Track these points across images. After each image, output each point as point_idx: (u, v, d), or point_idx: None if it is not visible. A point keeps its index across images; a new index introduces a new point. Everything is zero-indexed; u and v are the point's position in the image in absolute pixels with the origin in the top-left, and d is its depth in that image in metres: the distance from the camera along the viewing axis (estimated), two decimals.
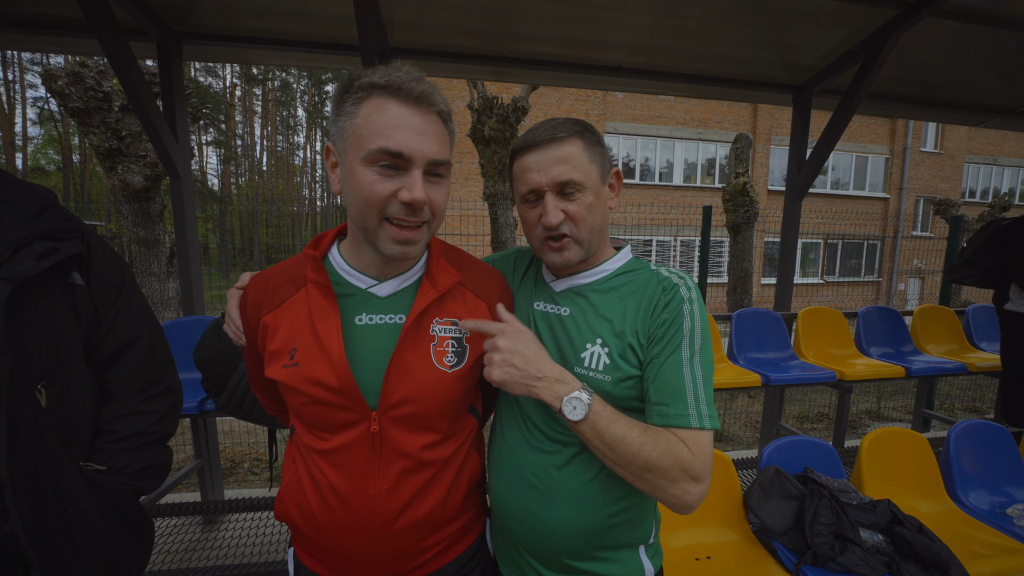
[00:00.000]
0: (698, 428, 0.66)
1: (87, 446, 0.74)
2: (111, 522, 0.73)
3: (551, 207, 0.73)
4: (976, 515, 1.56)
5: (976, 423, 1.73)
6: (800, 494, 1.45)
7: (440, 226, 0.72)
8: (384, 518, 0.67)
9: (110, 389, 0.79)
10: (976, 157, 15.03)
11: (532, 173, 0.74)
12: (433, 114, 0.65)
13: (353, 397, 0.65)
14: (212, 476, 2.25)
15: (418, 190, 0.62)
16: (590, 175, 0.74)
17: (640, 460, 0.64)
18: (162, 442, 0.84)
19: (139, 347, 0.81)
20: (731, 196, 4.92)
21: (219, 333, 1.65)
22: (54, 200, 0.74)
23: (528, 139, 0.76)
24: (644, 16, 2.07)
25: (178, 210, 2.13)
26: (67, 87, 2.95)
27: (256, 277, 0.76)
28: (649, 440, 0.65)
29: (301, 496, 0.71)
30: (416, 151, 0.62)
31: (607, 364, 0.72)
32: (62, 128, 21.13)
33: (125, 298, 0.80)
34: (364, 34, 1.74)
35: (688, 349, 0.69)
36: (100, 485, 0.72)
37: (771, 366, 2.30)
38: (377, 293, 0.71)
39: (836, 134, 2.35)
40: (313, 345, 0.66)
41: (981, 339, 2.81)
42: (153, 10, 1.92)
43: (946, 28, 2.12)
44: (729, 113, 12.51)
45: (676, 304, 0.72)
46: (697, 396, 0.68)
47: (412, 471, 0.68)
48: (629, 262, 0.82)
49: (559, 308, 0.80)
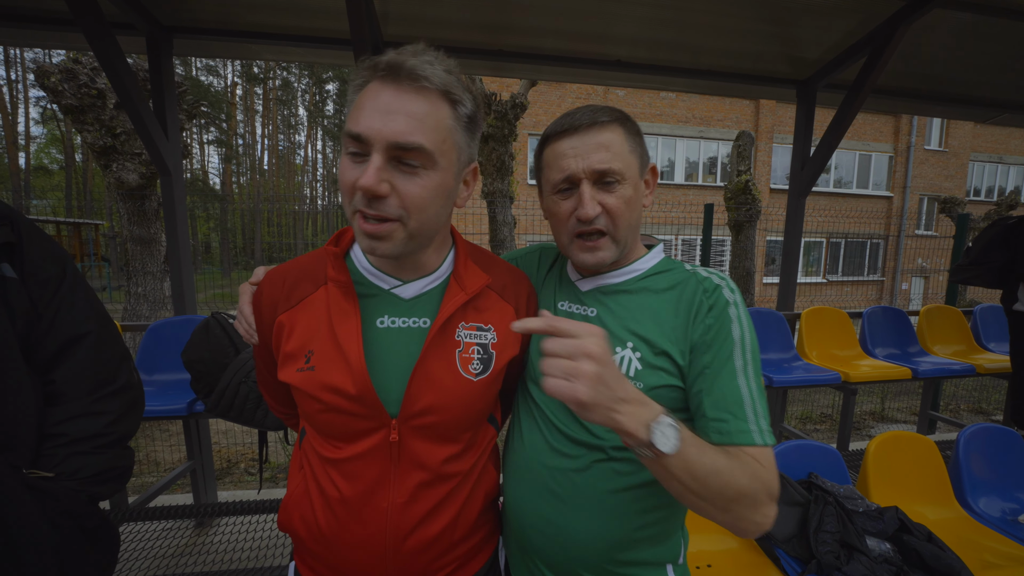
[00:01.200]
0: (762, 444, 0.60)
1: (30, 452, 0.69)
2: (63, 531, 0.68)
3: (588, 198, 0.67)
4: (987, 523, 1.51)
5: (986, 427, 1.68)
6: (804, 501, 1.41)
7: (423, 226, 0.60)
8: (396, 534, 0.63)
9: (56, 390, 0.74)
10: (981, 155, 14.91)
11: (568, 159, 0.68)
12: (416, 90, 0.55)
13: (372, 405, 0.61)
14: (205, 478, 2.22)
15: (367, 176, 0.53)
16: (630, 166, 0.68)
17: (731, 490, 0.55)
18: (119, 443, 0.79)
19: (86, 343, 0.75)
20: (733, 194, 4.86)
21: (208, 333, 1.62)
22: None
23: (565, 123, 0.69)
24: (646, 8, 2.02)
25: (169, 208, 2.10)
26: (60, 84, 2.92)
27: (272, 272, 0.71)
28: (737, 466, 0.57)
29: (307, 507, 0.67)
30: (375, 132, 0.53)
31: (639, 370, 0.66)
32: (64, 127, 21.19)
33: (68, 290, 0.74)
34: (356, 28, 1.70)
35: (741, 358, 0.63)
36: (48, 492, 0.67)
37: (774, 367, 2.25)
38: (401, 295, 0.67)
39: (841, 130, 2.29)
40: (331, 349, 0.62)
41: (989, 340, 2.75)
42: (142, 3, 1.88)
43: (955, 20, 2.06)
44: (731, 111, 12.43)
45: (721, 307, 0.65)
46: (756, 410, 0.62)
47: (430, 484, 0.65)
48: (662, 261, 0.76)
49: (585, 309, 0.74)
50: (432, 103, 0.56)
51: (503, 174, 4.43)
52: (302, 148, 32.29)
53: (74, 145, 21.50)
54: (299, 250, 18.03)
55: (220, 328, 1.61)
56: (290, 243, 17.20)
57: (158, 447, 3.37)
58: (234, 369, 1.52)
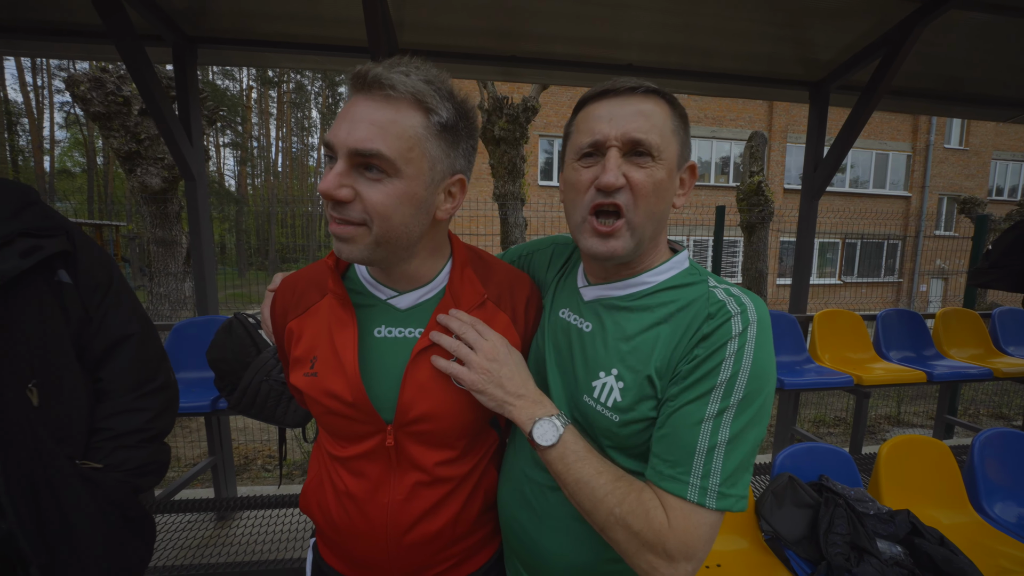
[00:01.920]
0: (695, 503, 0.53)
1: (82, 444, 0.75)
2: (110, 519, 0.73)
3: (613, 164, 0.59)
4: (1003, 528, 1.50)
5: (1002, 431, 1.66)
6: (814, 502, 1.42)
7: (388, 233, 0.59)
8: (396, 528, 0.66)
9: (103, 387, 0.79)
10: (1004, 153, 14.49)
11: (601, 122, 0.60)
12: (382, 99, 0.55)
13: (367, 412, 0.64)
14: (225, 473, 2.29)
15: (326, 180, 0.55)
16: (668, 146, 0.60)
17: (601, 513, 0.55)
18: (158, 439, 0.84)
19: (131, 344, 0.81)
20: (745, 195, 4.82)
21: (231, 333, 1.68)
22: (35, 197, 0.73)
23: (605, 86, 0.63)
24: (657, 14, 2.03)
25: (193, 212, 2.18)
26: (89, 92, 3.04)
27: (285, 280, 0.75)
28: (617, 492, 0.54)
29: (322, 496, 0.72)
30: (339, 140, 0.55)
31: (617, 401, 0.60)
32: (87, 131, 21.83)
33: (114, 295, 0.80)
34: (373, 36, 1.75)
35: (717, 402, 0.54)
36: (97, 483, 0.72)
37: (786, 370, 2.25)
38: (397, 305, 0.69)
39: (855, 132, 2.28)
40: (331, 356, 0.65)
41: (1008, 343, 2.70)
42: (169, 16, 1.96)
43: (971, 20, 2.03)
44: (744, 110, 12.29)
45: (718, 338, 0.56)
46: (709, 465, 0.53)
47: (427, 485, 0.67)
48: (680, 274, 0.66)
49: (582, 322, 0.69)
50: (398, 110, 0.56)
51: (515, 176, 4.46)
52: (315, 150, 32.79)
53: (96, 149, 22.16)
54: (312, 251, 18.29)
55: (242, 328, 1.67)
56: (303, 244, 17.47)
57: (179, 443, 3.48)
58: (255, 368, 1.58)
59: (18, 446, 0.61)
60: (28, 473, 0.62)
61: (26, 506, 0.61)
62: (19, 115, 20.79)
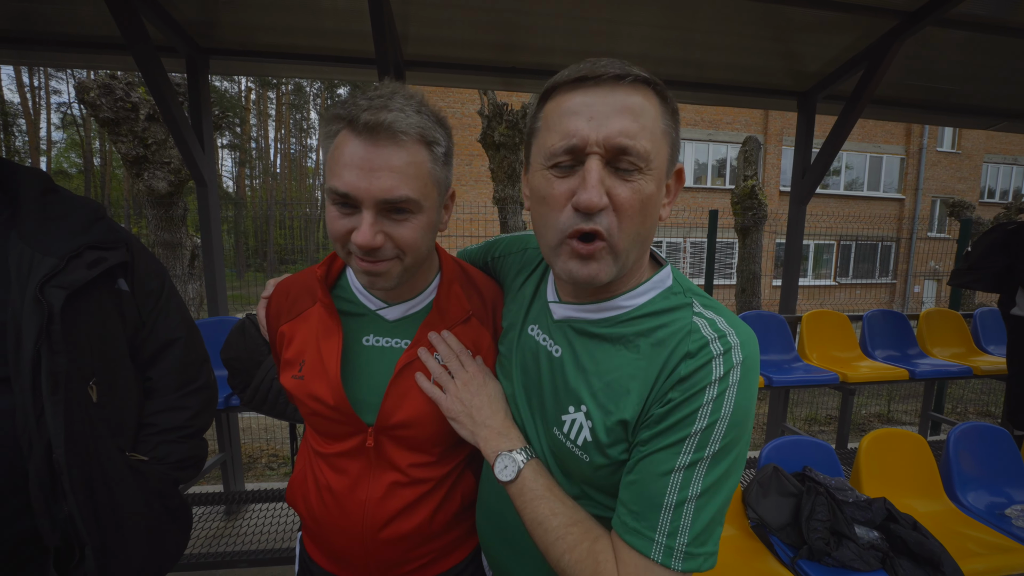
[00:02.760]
0: (659, 563, 0.47)
1: (132, 438, 0.81)
2: (153, 508, 0.79)
3: (595, 179, 0.47)
4: (974, 515, 1.59)
5: (976, 425, 1.76)
6: (797, 491, 1.50)
7: (416, 260, 0.64)
8: (372, 524, 0.69)
9: (152, 386, 0.85)
10: (995, 157, 14.69)
11: (578, 120, 0.48)
12: (395, 144, 0.56)
13: (347, 415, 0.68)
14: (234, 469, 2.37)
15: (362, 234, 0.57)
16: (659, 153, 0.50)
17: (552, 556, 0.52)
18: (198, 435, 0.90)
19: (177, 347, 0.87)
20: (739, 199, 4.93)
21: (244, 333, 1.76)
22: (103, 213, 0.79)
23: (583, 69, 0.49)
24: (652, 28, 2.13)
25: (204, 215, 2.25)
26: (98, 98, 3.12)
27: (279, 286, 0.80)
28: (568, 539, 0.51)
29: (305, 490, 0.75)
30: (362, 191, 0.56)
31: (587, 440, 0.55)
32: (84, 132, 21.80)
33: (165, 302, 0.86)
34: (380, 49, 1.84)
35: (690, 452, 0.48)
36: (143, 474, 0.78)
37: (775, 368, 2.34)
38: (385, 316, 0.72)
39: (840, 139, 2.38)
40: (317, 362, 0.69)
41: (989, 343, 2.80)
42: (183, 29, 2.05)
43: (951, 36, 2.14)
44: (740, 114, 12.43)
45: (696, 382, 0.49)
46: (677, 521, 0.47)
47: (404, 485, 0.70)
48: (661, 295, 0.56)
49: (552, 344, 0.62)
50: (411, 152, 0.57)
51: (514, 181, 4.56)
52: (314, 152, 32.82)
53: (93, 151, 22.14)
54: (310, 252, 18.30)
55: (254, 328, 1.76)
56: (301, 245, 17.46)
57: None
58: (267, 367, 1.66)
59: (80, 437, 0.67)
60: (86, 463, 0.68)
61: (84, 492, 0.67)
62: (15, 116, 20.75)
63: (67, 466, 0.64)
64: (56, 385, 0.64)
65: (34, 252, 0.67)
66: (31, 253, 0.67)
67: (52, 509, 0.65)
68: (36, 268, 0.66)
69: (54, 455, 0.64)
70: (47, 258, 0.67)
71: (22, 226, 0.68)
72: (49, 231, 0.70)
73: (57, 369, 0.64)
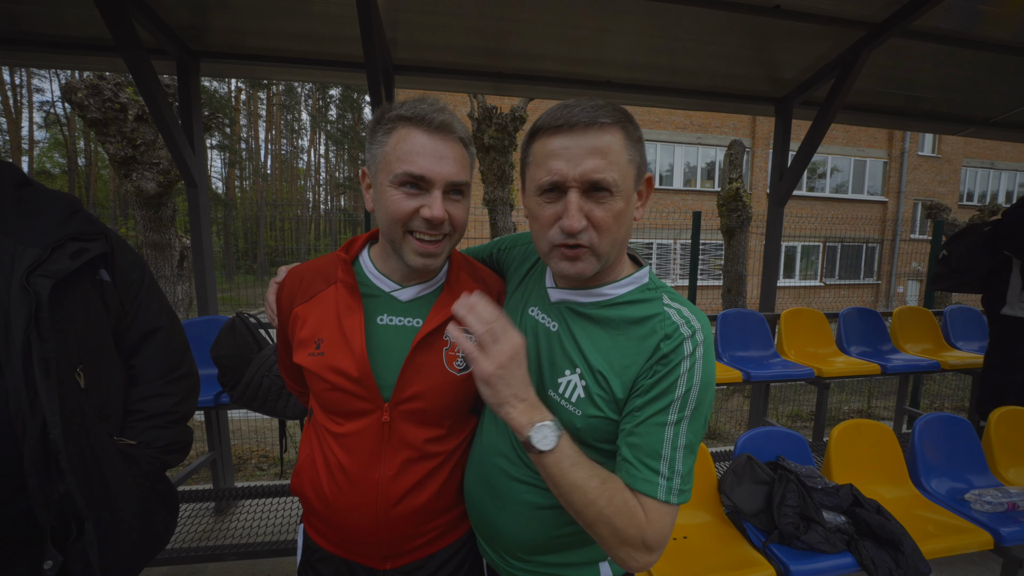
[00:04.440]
0: (663, 501, 0.61)
1: (119, 423, 0.83)
2: (143, 490, 0.82)
3: (575, 209, 0.62)
4: (936, 500, 1.68)
5: (940, 415, 1.85)
6: (770, 479, 1.58)
7: (459, 238, 0.77)
8: (386, 501, 0.73)
9: (136, 373, 0.87)
10: (973, 161, 15.13)
11: (559, 161, 0.62)
12: (453, 140, 0.71)
13: (370, 388, 0.72)
14: (224, 467, 2.38)
15: (437, 208, 0.69)
16: (626, 177, 0.63)
17: (591, 513, 0.61)
18: (183, 421, 0.93)
19: (160, 335, 0.89)
20: (725, 201, 5.04)
21: (234, 331, 1.79)
22: (80, 206, 0.80)
23: (560, 117, 0.62)
24: (638, 37, 2.21)
25: (194, 216, 2.27)
26: (86, 99, 3.11)
27: (292, 271, 0.85)
28: (605, 494, 0.60)
29: (314, 473, 0.78)
30: (436, 173, 0.69)
31: (581, 398, 0.67)
32: (68, 132, 21.40)
33: (146, 292, 0.88)
34: (369, 53, 1.89)
35: (676, 412, 0.62)
36: (132, 457, 0.80)
37: (754, 363, 2.42)
38: (399, 297, 0.78)
39: (814, 144, 2.48)
40: (338, 338, 0.73)
41: (958, 339, 2.93)
42: (174, 31, 2.07)
43: (917, 47, 2.25)
44: (728, 118, 12.65)
45: (675, 360, 0.63)
46: (673, 466, 0.62)
47: (415, 461, 0.75)
48: (638, 289, 0.71)
49: (550, 321, 0.74)
50: (460, 148, 0.73)
51: (503, 182, 4.62)
52: (305, 153, 32.60)
53: (77, 151, 21.74)
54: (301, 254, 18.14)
55: (244, 326, 1.79)
56: (292, 247, 17.31)
57: None
58: (257, 364, 1.69)
59: (72, 422, 0.70)
60: (79, 445, 0.71)
61: (80, 472, 0.70)
62: None
63: (64, 444, 0.67)
64: (48, 370, 0.66)
65: (15, 243, 0.68)
66: (12, 244, 0.68)
67: (47, 489, 0.67)
68: (20, 259, 0.67)
69: (50, 436, 0.66)
70: (30, 249, 0.68)
71: (0, 219, 0.69)
72: (29, 223, 0.71)
73: (48, 355, 0.66)
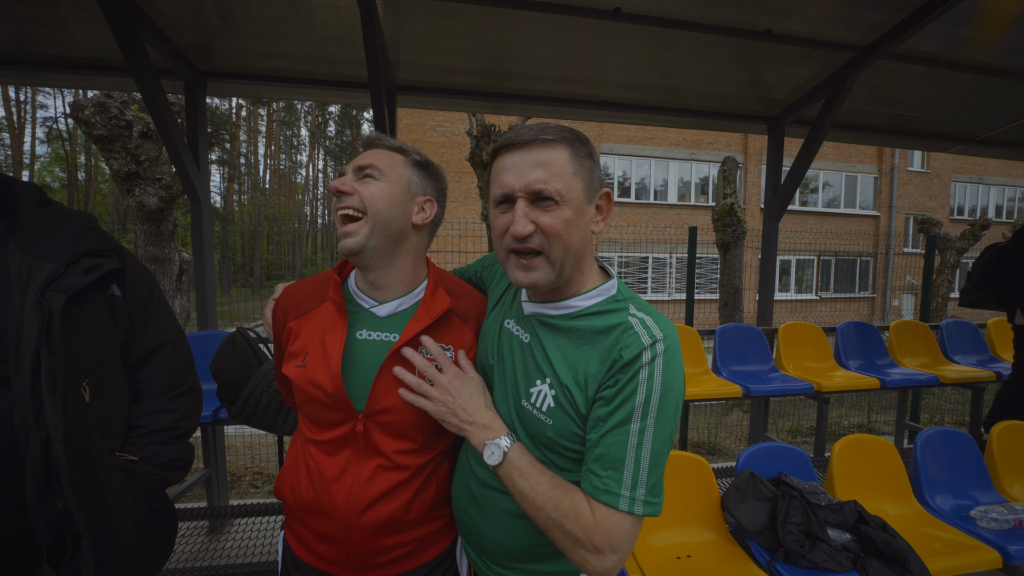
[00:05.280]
0: (621, 510, 0.62)
1: (121, 438, 0.83)
2: (141, 507, 0.81)
3: (520, 214, 0.66)
4: (941, 517, 1.66)
5: (942, 430, 1.85)
6: (773, 496, 1.56)
7: (375, 223, 0.79)
8: (355, 506, 0.75)
9: (140, 388, 0.87)
10: (962, 176, 15.44)
11: (507, 174, 0.68)
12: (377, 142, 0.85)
13: (342, 401, 0.76)
14: (219, 485, 2.34)
15: (337, 181, 0.80)
16: (572, 188, 0.67)
17: (541, 518, 0.65)
18: (185, 437, 0.92)
19: (166, 351, 0.89)
20: (719, 216, 5.11)
21: (235, 346, 1.78)
22: (96, 223, 0.83)
23: (510, 138, 0.69)
24: (632, 59, 2.28)
25: (197, 231, 2.29)
26: (93, 116, 3.16)
27: (288, 288, 0.90)
28: (552, 500, 0.64)
29: (295, 477, 0.81)
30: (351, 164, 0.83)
31: (551, 407, 0.70)
32: (70, 147, 21.57)
33: (154, 307, 0.89)
34: (373, 74, 1.94)
35: (638, 420, 0.63)
36: (132, 473, 0.80)
37: (752, 378, 2.42)
38: (377, 313, 0.83)
39: (807, 161, 2.54)
40: (320, 353, 0.78)
41: (955, 352, 2.94)
42: (183, 53, 2.13)
43: (904, 68, 2.34)
44: (721, 135, 12.91)
45: (633, 368, 0.64)
46: (636, 476, 0.62)
47: (387, 469, 0.78)
48: (605, 301, 0.73)
49: (523, 333, 0.77)
50: (383, 149, 0.83)
51: None
52: (303, 168, 32.92)
53: (78, 165, 21.89)
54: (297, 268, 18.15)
55: (244, 341, 1.78)
56: (288, 261, 17.32)
57: None
58: (257, 379, 1.68)
59: (75, 436, 0.70)
60: (81, 460, 0.70)
61: (80, 488, 0.69)
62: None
63: (66, 460, 0.67)
64: (55, 384, 0.67)
65: (33, 259, 0.70)
66: (30, 259, 0.70)
67: (46, 505, 0.66)
68: (36, 273, 0.69)
69: (52, 451, 0.66)
70: (47, 264, 0.70)
71: (20, 235, 0.72)
72: (47, 239, 0.74)
73: (56, 368, 0.67)
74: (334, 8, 1.89)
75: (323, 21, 1.97)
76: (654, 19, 1.97)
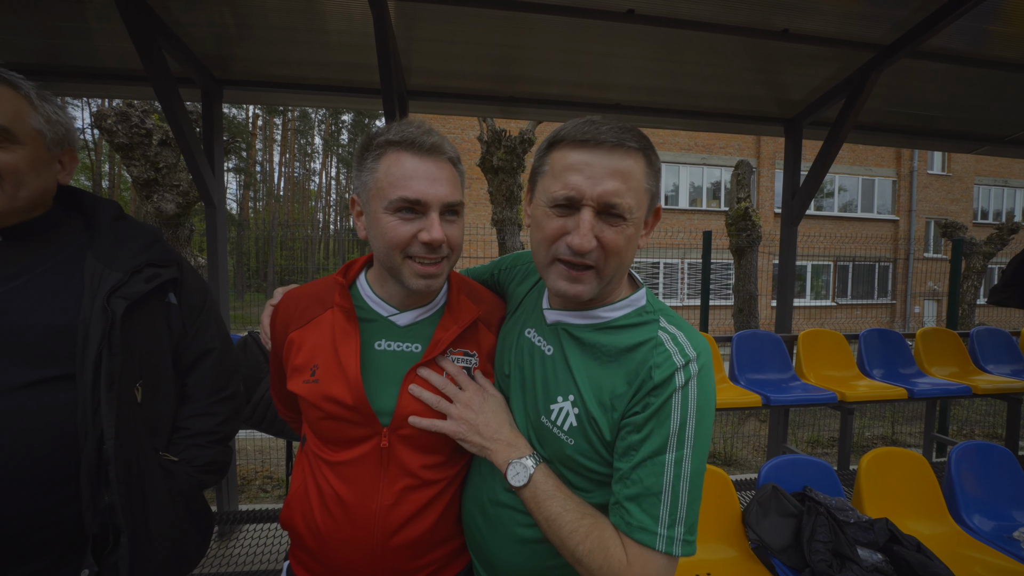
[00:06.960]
0: (658, 550, 0.56)
1: (166, 439, 0.85)
2: (178, 507, 0.83)
3: (586, 228, 0.60)
4: (980, 538, 1.56)
5: (978, 444, 1.75)
6: (798, 512, 1.49)
7: (456, 259, 0.77)
8: (383, 533, 0.70)
9: (187, 392, 0.90)
10: (986, 179, 14.99)
11: (578, 176, 0.60)
12: (444, 161, 0.71)
13: (366, 414, 0.71)
14: (229, 489, 2.33)
15: (436, 231, 0.69)
16: (640, 205, 0.62)
17: (567, 548, 0.60)
18: (224, 441, 0.94)
19: (213, 357, 0.92)
20: (733, 220, 5.02)
21: (246, 350, 1.78)
22: (161, 235, 0.89)
23: (587, 132, 0.60)
24: (644, 61, 2.25)
25: (211, 236, 2.31)
26: (115, 125, 3.25)
27: (288, 295, 0.84)
28: (581, 530, 0.59)
29: (307, 505, 0.75)
30: (431, 196, 0.69)
31: (573, 427, 0.65)
32: (94, 156, 22.33)
33: (206, 315, 0.93)
34: (386, 80, 1.94)
35: (674, 449, 0.58)
36: (172, 474, 0.83)
37: (772, 387, 2.34)
38: (397, 322, 0.77)
39: (826, 163, 2.47)
40: (333, 364, 0.72)
41: (987, 361, 2.81)
42: (201, 62, 2.16)
43: (928, 67, 2.26)
44: (733, 139, 12.77)
45: (666, 391, 0.59)
46: (675, 513, 0.57)
47: (414, 489, 0.73)
48: (635, 312, 0.68)
49: (545, 344, 0.73)
50: (451, 168, 0.73)
51: (512, 203, 4.67)
52: (317, 175, 33.53)
53: (102, 174, 22.63)
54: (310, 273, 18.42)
55: (256, 346, 1.78)
56: (302, 266, 17.58)
57: None
58: (267, 384, 1.68)
59: (125, 434, 0.73)
60: (127, 457, 0.73)
61: (124, 484, 0.72)
62: None
63: (114, 457, 0.70)
64: (112, 383, 0.71)
65: (104, 268, 0.77)
66: (102, 268, 0.76)
67: (96, 498, 0.70)
68: (105, 281, 0.75)
69: (104, 446, 0.70)
70: (114, 272, 0.77)
71: (97, 247, 0.79)
72: (118, 251, 0.80)
73: (114, 369, 0.72)
74: (347, 15, 1.90)
75: (336, 28, 1.98)
76: (668, 20, 1.93)
